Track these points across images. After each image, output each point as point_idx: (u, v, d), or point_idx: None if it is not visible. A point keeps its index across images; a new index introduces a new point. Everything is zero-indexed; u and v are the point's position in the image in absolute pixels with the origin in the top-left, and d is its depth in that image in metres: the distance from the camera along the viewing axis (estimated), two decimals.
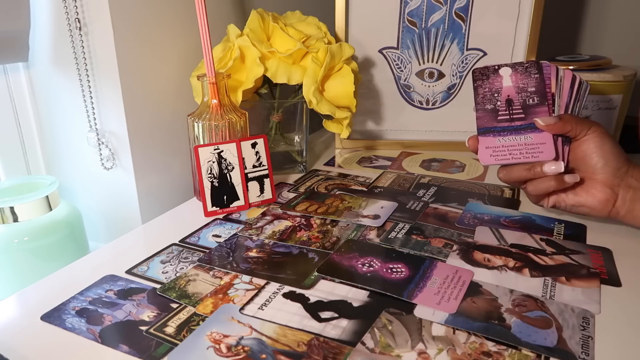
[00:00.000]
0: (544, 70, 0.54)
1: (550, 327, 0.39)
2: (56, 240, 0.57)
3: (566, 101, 0.54)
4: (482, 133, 0.54)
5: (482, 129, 0.54)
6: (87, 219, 0.68)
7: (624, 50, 0.98)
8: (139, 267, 0.49)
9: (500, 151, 0.53)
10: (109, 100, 0.61)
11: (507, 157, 0.53)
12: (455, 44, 0.81)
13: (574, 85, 0.54)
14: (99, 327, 0.40)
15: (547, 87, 0.54)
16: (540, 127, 0.52)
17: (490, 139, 0.54)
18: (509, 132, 0.53)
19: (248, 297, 0.44)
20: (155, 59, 0.65)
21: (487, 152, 0.54)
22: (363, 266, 0.48)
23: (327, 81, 0.68)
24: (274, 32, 0.68)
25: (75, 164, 0.67)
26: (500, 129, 0.54)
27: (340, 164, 0.79)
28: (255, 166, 0.62)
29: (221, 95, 0.60)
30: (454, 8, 0.80)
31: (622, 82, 0.71)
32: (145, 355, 0.37)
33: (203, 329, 0.40)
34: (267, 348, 0.37)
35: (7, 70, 0.63)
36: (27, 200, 0.55)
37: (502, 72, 0.55)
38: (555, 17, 1.01)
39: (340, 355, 0.36)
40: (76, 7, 0.58)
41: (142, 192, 0.65)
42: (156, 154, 0.67)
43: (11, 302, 0.44)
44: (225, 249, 0.52)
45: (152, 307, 0.43)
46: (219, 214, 0.61)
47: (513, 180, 0.54)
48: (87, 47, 0.59)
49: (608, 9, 0.98)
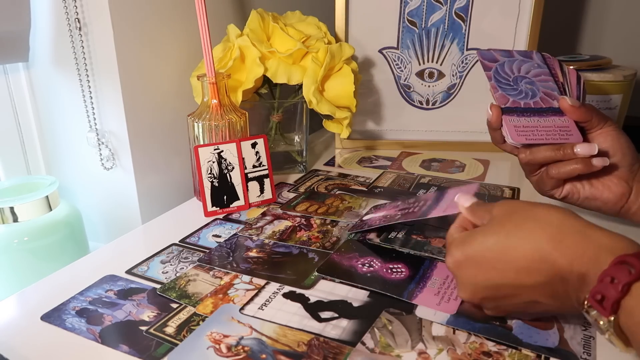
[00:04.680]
0: (547, 60, 0.55)
1: (551, 327, 0.39)
2: (56, 240, 0.57)
3: (576, 95, 0.54)
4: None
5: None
6: (87, 219, 0.68)
7: (624, 50, 0.98)
8: (139, 267, 0.49)
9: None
10: (109, 100, 0.61)
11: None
12: (455, 44, 0.81)
13: (580, 83, 0.54)
14: (99, 327, 0.40)
15: (555, 76, 0.54)
16: (565, 108, 0.50)
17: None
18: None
19: (248, 297, 0.44)
20: (155, 59, 0.65)
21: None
22: (363, 266, 0.48)
23: (327, 81, 0.68)
24: (274, 32, 0.68)
25: (75, 164, 0.67)
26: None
27: (340, 164, 0.79)
28: (255, 166, 0.62)
29: (221, 95, 0.60)
30: (454, 8, 0.80)
31: (622, 82, 0.71)
32: (145, 355, 0.37)
33: (203, 329, 0.40)
34: (267, 348, 0.37)
35: (7, 70, 0.63)
36: (27, 200, 0.55)
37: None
38: (555, 17, 1.01)
39: (340, 355, 0.36)
40: (76, 7, 0.58)
41: (142, 192, 0.65)
42: (156, 154, 0.67)
43: (11, 302, 0.44)
44: (225, 249, 0.52)
45: (152, 307, 0.43)
46: (219, 214, 0.61)
47: (538, 161, 0.51)
48: (87, 47, 0.59)
49: (608, 9, 0.98)
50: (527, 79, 0.54)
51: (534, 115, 0.52)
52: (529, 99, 0.53)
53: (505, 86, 0.53)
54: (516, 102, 0.52)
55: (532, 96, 0.53)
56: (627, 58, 0.93)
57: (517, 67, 0.55)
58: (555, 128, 0.50)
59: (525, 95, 0.53)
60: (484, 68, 0.55)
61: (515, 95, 0.53)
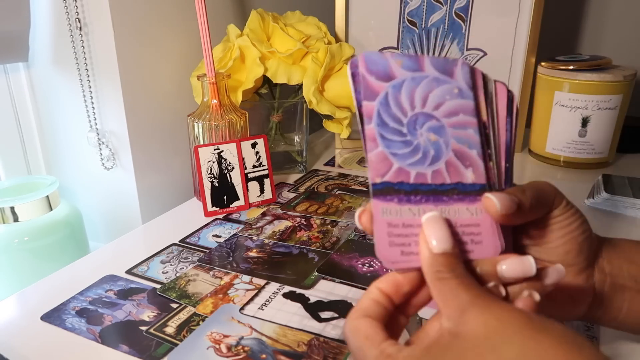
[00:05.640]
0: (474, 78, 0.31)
1: None
2: (56, 240, 0.57)
3: (506, 139, 0.32)
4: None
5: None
6: (87, 219, 0.68)
7: (624, 50, 0.98)
8: (139, 267, 0.49)
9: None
10: (109, 100, 0.61)
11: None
12: (455, 44, 0.81)
13: (512, 112, 0.32)
14: (99, 327, 0.40)
15: (478, 109, 0.31)
16: (492, 214, 0.29)
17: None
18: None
19: (248, 297, 0.44)
20: (155, 59, 0.65)
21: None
22: (363, 266, 0.48)
23: (327, 81, 0.68)
24: (274, 32, 0.68)
25: (75, 164, 0.67)
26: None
27: (340, 164, 0.79)
28: (255, 166, 0.62)
29: (221, 95, 0.60)
30: (454, 8, 0.80)
31: (622, 82, 0.71)
32: (145, 355, 0.37)
33: (203, 329, 0.40)
34: (267, 348, 0.37)
35: (7, 70, 0.63)
36: (27, 200, 0.55)
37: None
38: (555, 17, 1.00)
39: (340, 355, 0.36)
40: (76, 7, 0.58)
41: (142, 192, 0.65)
42: (156, 154, 0.67)
43: (11, 302, 0.44)
44: (225, 249, 0.52)
45: (152, 307, 0.43)
46: (219, 214, 0.61)
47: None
48: (87, 47, 0.59)
49: (608, 9, 0.98)
50: (433, 122, 0.30)
51: (429, 199, 0.29)
52: (427, 165, 0.29)
53: (392, 136, 0.29)
54: (403, 171, 0.29)
55: (434, 160, 0.29)
56: (627, 58, 0.93)
57: (423, 93, 0.30)
58: (459, 228, 0.29)
59: (422, 156, 0.29)
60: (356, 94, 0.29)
61: (404, 157, 0.29)
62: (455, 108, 0.30)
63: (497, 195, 0.29)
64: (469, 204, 0.29)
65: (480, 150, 0.30)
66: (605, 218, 0.58)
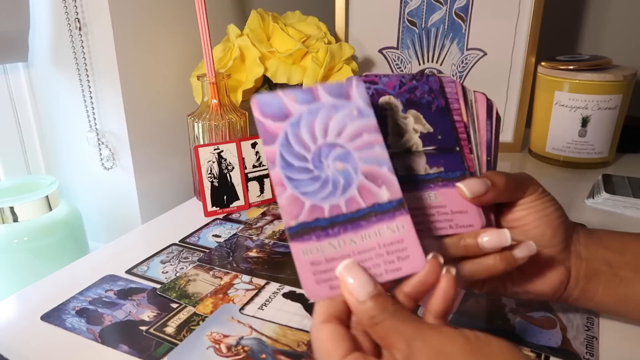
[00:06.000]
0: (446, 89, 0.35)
1: (554, 327, 0.39)
2: (56, 240, 0.57)
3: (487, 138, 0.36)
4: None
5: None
6: (87, 219, 0.67)
7: (624, 50, 0.98)
8: (139, 267, 0.49)
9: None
10: (109, 100, 0.61)
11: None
12: (455, 44, 0.81)
13: (492, 116, 0.36)
14: (99, 327, 0.40)
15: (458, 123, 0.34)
16: (466, 199, 0.32)
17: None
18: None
19: (248, 297, 0.44)
20: (155, 59, 0.65)
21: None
22: None
23: (327, 81, 0.68)
24: (274, 32, 0.68)
25: (75, 164, 0.67)
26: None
27: None
28: (255, 166, 0.62)
29: (221, 95, 0.60)
30: (454, 8, 0.80)
31: (622, 82, 0.71)
32: (145, 355, 0.37)
33: (203, 329, 0.40)
34: (267, 348, 0.37)
35: (7, 70, 0.63)
36: (27, 200, 0.55)
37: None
38: (555, 17, 1.00)
39: None
40: (76, 7, 0.58)
41: (142, 192, 0.65)
42: (156, 154, 0.67)
43: (11, 302, 0.44)
44: (225, 249, 0.52)
45: (152, 307, 0.43)
46: (219, 214, 0.60)
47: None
48: (87, 47, 0.59)
49: (608, 9, 0.98)
50: (337, 150, 0.29)
51: (347, 229, 0.28)
52: (339, 195, 0.29)
53: (299, 175, 0.29)
54: (316, 208, 0.28)
55: (345, 188, 0.29)
56: (627, 58, 0.93)
57: (322, 124, 0.30)
58: (382, 247, 0.28)
59: (333, 188, 0.29)
60: (263, 140, 0.30)
61: (315, 193, 0.29)
62: (358, 130, 0.30)
63: (466, 182, 0.32)
64: (388, 222, 0.29)
65: (390, 165, 0.29)
66: (605, 218, 0.58)
